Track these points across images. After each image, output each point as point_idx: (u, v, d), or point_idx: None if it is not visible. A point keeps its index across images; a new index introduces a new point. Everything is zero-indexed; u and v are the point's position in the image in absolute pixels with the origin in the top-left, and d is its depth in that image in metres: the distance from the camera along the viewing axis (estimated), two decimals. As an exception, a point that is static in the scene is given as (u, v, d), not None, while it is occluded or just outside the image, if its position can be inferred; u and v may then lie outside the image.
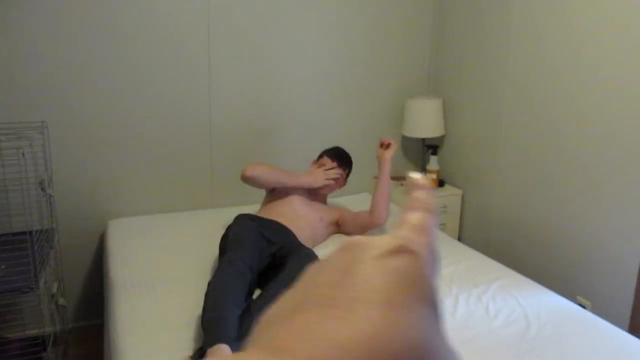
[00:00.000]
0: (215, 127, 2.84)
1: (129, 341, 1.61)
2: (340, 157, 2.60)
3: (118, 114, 2.63)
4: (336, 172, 2.54)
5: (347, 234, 2.50)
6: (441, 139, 3.26)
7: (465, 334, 1.68)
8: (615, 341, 1.66)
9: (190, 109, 2.77)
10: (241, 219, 2.22)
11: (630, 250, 2.15)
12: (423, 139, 3.26)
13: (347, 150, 2.73)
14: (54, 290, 2.07)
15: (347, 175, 2.63)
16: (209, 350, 1.45)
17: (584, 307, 2.14)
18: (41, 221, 2.07)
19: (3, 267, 1.88)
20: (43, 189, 1.98)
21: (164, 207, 2.83)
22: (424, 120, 3.08)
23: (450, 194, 3.10)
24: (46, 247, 2.04)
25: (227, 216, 2.74)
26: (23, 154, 1.70)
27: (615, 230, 2.21)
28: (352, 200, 3.09)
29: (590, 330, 1.72)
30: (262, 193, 3.16)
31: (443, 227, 3.08)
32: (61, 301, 2.26)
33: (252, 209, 2.87)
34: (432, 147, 3.16)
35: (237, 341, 1.50)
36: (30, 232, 1.87)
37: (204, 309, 1.61)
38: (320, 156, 2.64)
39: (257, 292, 1.90)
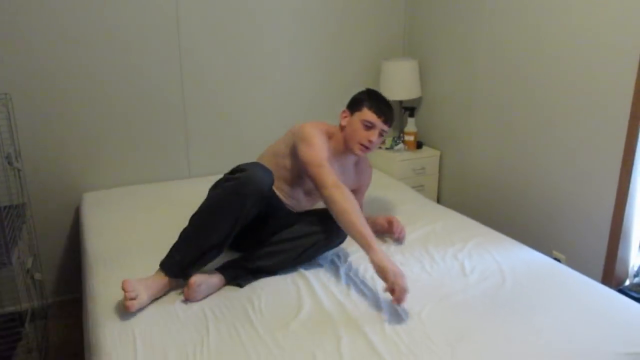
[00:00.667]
0: (188, 95, 2.78)
1: (106, 313, 1.60)
2: (388, 115, 1.98)
3: (87, 84, 2.56)
4: (377, 142, 1.99)
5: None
6: (418, 100, 3.24)
7: (441, 291, 1.71)
8: (588, 292, 1.70)
9: (162, 76, 2.70)
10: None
11: (602, 203, 2.18)
12: (400, 102, 3.24)
13: (325, 115, 2.67)
14: (29, 265, 2.04)
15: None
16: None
17: (559, 260, 2.18)
18: (10, 196, 2.02)
19: (-27, 243, 1.84)
20: (10, 163, 1.93)
21: (140, 179, 2.79)
22: (401, 83, 3.05)
23: (428, 155, 3.10)
24: (18, 222, 2.00)
25: (203, 186, 2.71)
26: (-16, 126, 1.64)
27: (588, 183, 2.23)
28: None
29: (564, 282, 1.76)
30: (246, 161, 3.14)
31: (422, 189, 3.09)
32: (37, 276, 2.23)
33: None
34: (409, 109, 3.14)
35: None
36: None
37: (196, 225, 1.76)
38: (358, 106, 1.99)
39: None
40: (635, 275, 2.23)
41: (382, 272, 1.59)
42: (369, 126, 1.95)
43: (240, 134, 2.95)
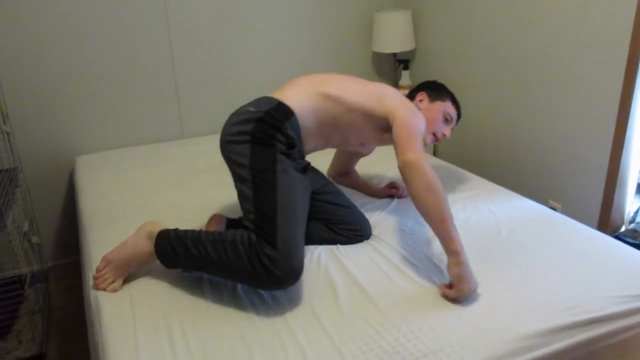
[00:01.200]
0: (177, 54, 2.72)
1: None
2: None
3: (74, 44, 2.49)
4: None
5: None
6: (412, 53, 3.18)
7: (435, 242, 1.71)
8: (584, 238, 1.71)
9: (151, 35, 2.63)
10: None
11: (598, 150, 2.17)
12: (394, 54, 3.18)
13: (317, 70, 2.62)
14: (25, 228, 2.03)
15: None
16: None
17: (555, 209, 2.18)
18: (1, 161, 2.00)
19: (-33, 209, 1.83)
20: (-3, 126, 1.89)
21: (133, 141, 2.76)
22: (394, 34, 2.98)
23: (424, 109, 3.06)
24: (10, 186, 1.98)
25: (196, 147, 2.70)
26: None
27: (584, 132, 2.22)
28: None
29: (559, 230, 1.76)
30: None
31: (417, 143, 3.07)
32: (35, 239, 2.23)
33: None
34: (403, 61, 3.08)
35: None
36: (-9, 173, 1.81)
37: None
38: (442, 96, 1.91)
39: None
40: (631, 222, 2.25)
41: (459, 282, 1.37)
42: (449, 120, 1.87)
43: (232, 93, 2.90)
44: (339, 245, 1.72)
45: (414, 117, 1.63)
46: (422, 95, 1.92)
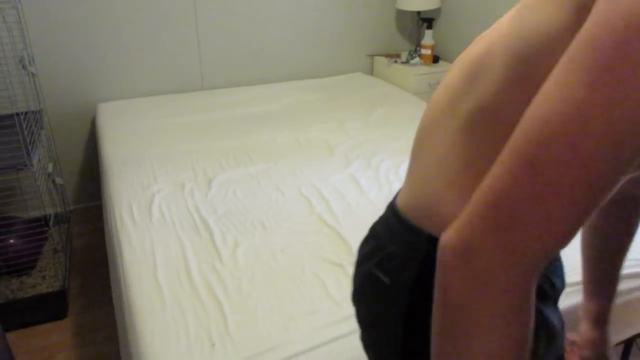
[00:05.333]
0: (200, 6, 2.70)
1: (125, 219, 1.65)
2: None
3: (96, -11, 2.49)
4: None
5: None
6: (437, 11, 3.12)
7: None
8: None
9: (172, -17, 2.62)
10: None
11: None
12: (418, 12, 3.12)
13: (339, 27, 2.56)
14: (50, 169, 2.09)
15: None
16: None
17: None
18: (28, 103, 2.04)
19: (-5, 147, 1.88)
20: (24, 67, 1.92)
21: (153, 91, 2.78)
22: (419, -8, 2.93)
23: (445, 70, 3.03)
24: (36, 127, 2.03)
25: (216, 98, 2.72)
26: (-4, 26, 1.62)
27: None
28: (346, 79, 3.03)
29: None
30: (258, 74, 3.11)
31: (437, 104, 3.05)
32: (58, 180, 2.30)
33: (243, 90, 2.84)
34: (427, 20, 3.03)
35: None
36: (18, 114, 1.85)
37: None
38: None
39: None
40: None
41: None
42: None
43: (253, 46, 2.89)
44: None
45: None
46: None
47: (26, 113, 1.98)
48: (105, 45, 2.59)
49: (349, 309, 1.23)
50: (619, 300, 1.38)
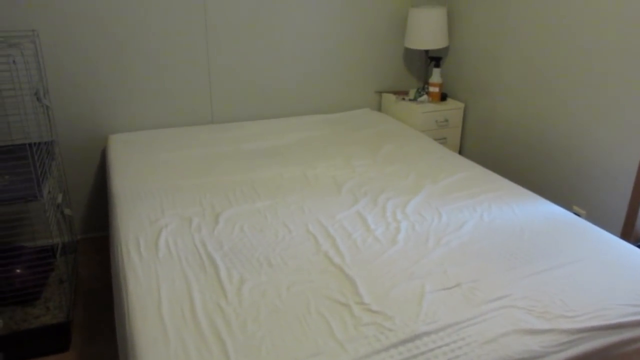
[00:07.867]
0: (212, 42, 2.76)
1: (132, 253, 1.65)
2: None
3: (113, 27, 2.55)
4: None
5: None
6: (445, 50, 3.17)
7: (458, 239, 1.72)
8: (606, 245, 1.70)
9: (187, 22, 2.68)
10: None
11: (626, 159, 2.15)
12: (426, 51, 3.17)
13: (347, 64, 2.62)
14: (59, 200, 2.11)
15: None
16: None
17: (579, 215, 2.17)
18: (40, 134, 2.07)
19: (7, 177, 1.91)
20: (39, 99, 1.96)
21: (164, 123, 2.82)
22: (428, 31, 2.98)
23: (453, 107, 3.06)
24: (47, 158, 2.06)
25: (226, 132, 2.75)
26: (14, 61, 1.67)
27: (614, 137, 2.19)
28: (354, 115, 3.07)
29: (582, 236, 1.76)
30: (267, 109, 3.15)
31: (444, 141, 3.07)
32: (67, 211, 2.31)
33: (252, 125, 2.87)
34: (435, 59, 3.08)
35: None
36: (30, 145, 1.88)
37: None
38: None
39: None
40: (656, 233, 2.20)
41: None
42: None
43: (263, 82, 2.94)
44: None
45: None
46: None
47: (39, 144, 2.02)
48: (118, 79, 2.64)
49: (353, 351, 1.22)
50: (630, 347, 1.36)
